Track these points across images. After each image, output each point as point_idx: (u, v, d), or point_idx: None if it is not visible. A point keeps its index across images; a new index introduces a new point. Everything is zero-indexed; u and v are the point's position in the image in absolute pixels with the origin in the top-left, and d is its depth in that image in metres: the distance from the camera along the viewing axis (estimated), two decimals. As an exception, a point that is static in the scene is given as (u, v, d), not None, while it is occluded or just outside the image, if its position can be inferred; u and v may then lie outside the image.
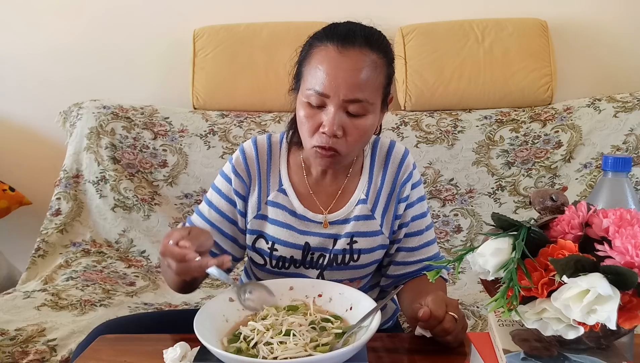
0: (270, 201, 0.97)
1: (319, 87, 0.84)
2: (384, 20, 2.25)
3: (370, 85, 0.86)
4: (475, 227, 1.78)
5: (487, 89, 1.89)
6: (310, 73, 0.87)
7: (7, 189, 2.00)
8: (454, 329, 0.75)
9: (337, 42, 0.85)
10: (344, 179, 0.98)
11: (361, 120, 0.87)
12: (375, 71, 0.86)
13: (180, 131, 1.92)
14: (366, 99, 0.85)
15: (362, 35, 0.87)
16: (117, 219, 1.81)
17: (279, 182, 0.98)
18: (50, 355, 1.18)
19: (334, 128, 0.84)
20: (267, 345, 0.69)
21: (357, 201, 0.97)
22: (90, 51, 2.12)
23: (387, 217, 0.98)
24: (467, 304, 1.39)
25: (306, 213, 0.96)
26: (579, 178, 1.76)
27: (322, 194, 0.98)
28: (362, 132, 0.87)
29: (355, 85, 0.84)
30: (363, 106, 0.85)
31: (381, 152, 1.00)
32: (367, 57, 0.85)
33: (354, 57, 0.85)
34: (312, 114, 0.87)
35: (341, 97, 0.84)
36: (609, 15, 1.99)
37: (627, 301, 0.53)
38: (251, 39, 1.95)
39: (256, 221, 0.97)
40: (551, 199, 0.63)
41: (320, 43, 0.87)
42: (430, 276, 0.62)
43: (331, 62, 0.85)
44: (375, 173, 0.99)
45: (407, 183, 0.99)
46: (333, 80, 0.84)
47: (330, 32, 0.88)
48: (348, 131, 0.86)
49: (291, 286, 0.84)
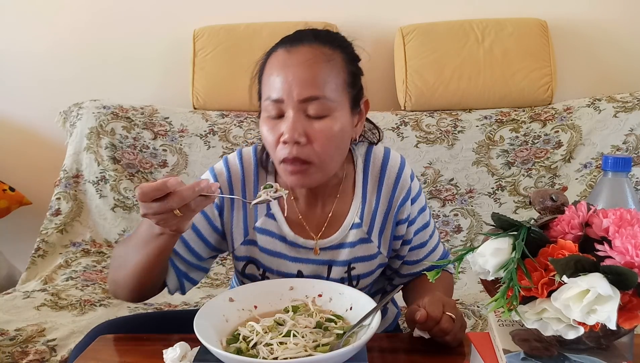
0: (259, 228, 0.90)
1: (273, 94, 0.80)
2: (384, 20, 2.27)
3: (326, 80, 0.79)
4: (475, 227, 1.78)
5: (487, 89, 1.89)
6: (264, 84, 0.83)
7: (7, 189, 2.00)
8: (451, 329, 0.75)
9: (286, 44, 0.82)
10: (333, 200, 0.91)
11: (325, 122, 0.79)
12: (329, 64, 0.80)
13: (180, 131, 1.92)
14: (324, 95, 0.79)
15: (310, 34, 0.83)
16: (117, 219, 1.81)
17: (266, 206, 0.90)
18: (50, 355, 1.18)
19: (294, 134, 0.77)
20: (267, 346, 0.69)
21: (351, 226, 0.90)
22: (91, 51, 2.12)
23: (384, 237, 0.93)
24: (467, 304, 1.39)
25: (297, 239, 0.90)
26: (579, 178, 1.76)
27: (313, 219, 0.91)
28: (329, 136, 0.79)
29: (307, 81, 0.78)
30: (323, 104, 0.79)
31: (374, 167, 0.92)
32: (318, 50, 0.81)
33: (303, 52, 0.80)
34: (273, 126, 0.81)
35: (295, 98, 0.78)
36: (609, 15, 1.99)
37: (627, 301, 0.53)
38: (251, 39, 1.95)
39: (245, 247, 0.91)
40: (551, 199, 0.63)
41: (272, 53, 0.84)
42: (430, 276, 0.62)
43: (280, 63, 0.80)
44: (369, 192, 0.91)
45: (406, 201, 0.92)
46: (284, 81, 0.79)
47: (280, 41, 0.85)
48: (312, 136, 0.79)
49: (291, 286, 0.84)
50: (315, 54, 0.80)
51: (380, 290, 1.04)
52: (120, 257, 0.84)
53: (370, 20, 2.04)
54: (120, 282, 0.83)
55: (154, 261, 0.78)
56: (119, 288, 0.85)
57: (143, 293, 0.85)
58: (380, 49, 2.06)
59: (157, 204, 0.67)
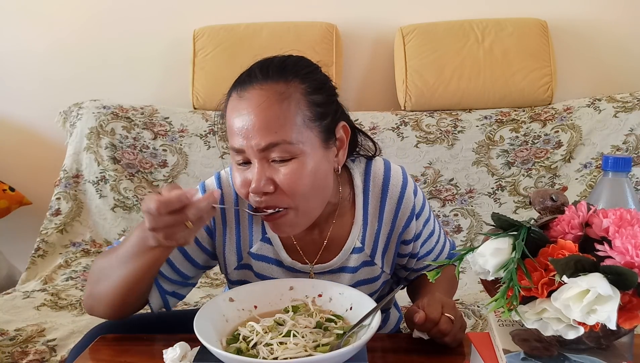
0: (254, 254, 0.87)
1: (235, 144, 0.75)
2: (384, 20, 2.27)
3: (283, 122, 0.73)
4: (475, 227, 1.78)
5: (487, 89, 1.89)
6: (228, 131, 0.78)
7: (7, 189, 2.00)
8: (450, 330, 0.75)
9: (238, 87, 0.77)
10: (330, 224, 0.87)
11: (291, 165, 0.73)
12: (283, 103, 0.73)
13: (180, 131, 1.92)
14: (284, 139, 0.72)
15: (259, 70, 0.77)
16: (117, 219, 1.81)
17: (262, 230, 0.86)
18: (50, 355, 1.17)
19: (259, 185, 0.73)
20: (267, 346, 0.69)
21: (352, 250, 0.87)
22: (91, 51, 2.12)
23: (387, 257, 0.90)
24: (467, 304, 1.39)
25: (294, 264, 0.87)
26: (579, 178, 1.76)
27: (309, 245, 0.87)
28: (296, 179, 0.73)
29: (262, 128, 0.72)
30: (284, 149, 0.73)
31: (375, 186, 0.87)
32: (270, 91, 0.74)
33: (254, 95, 0.74)
34: (241, 172, 0.77)
35: (254, 147, 0.73)
36: (609, 15, 1.99)
37: (627, 301, 0.53)
38: (251, 39, 1.95)
39: (238, 272, 0.89)
40: (551, 199, 0.63)
41: (230, 97, 0.79)
42: (430, 277, 0.62)
43: (234, 113, 0.75)
44: (371, 214, 0.87)
45: (412, 221, 0.88)
46: (241, 130, 0.73)
47: (235, 82, 0.79)
48: (280, 182, 0.74)
49: (291, 286, 0.84)
50: (267, 96, 0.74)
51: (381, 297, 1.04)
52: (103, 270, 0.79)
53: (370, 20, 2.05)
54: (100, 297, 0.79)
55: (141, 276, 0.76)
56: (97, 303, 0.81)
57: (124, 309, 0.82)
58: (380, 49, 2.06)
59: (172, 217, 0.64)
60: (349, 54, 2.04)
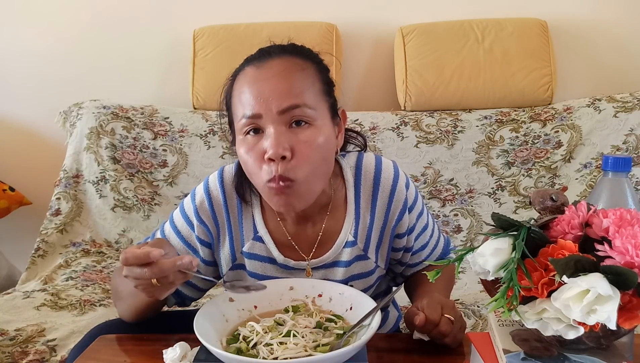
0: (246, 253, 0.88)
1: (248, 111, 0.75)
2: (384, 20, 2.27)
3: (302, 86, 0.76)
4: (475, 227, 1.78)
5: (487, 89, 1.89)
6: (236, 104, 0.79)
7: (7, 189, 2.00)
8: (450, 331, 0.75)
9: (255, 60, 0.80)
10: (324, 218, 0.87)
11: (309, 131, 0.75)
12: (303, 72, 0.78)
13: (180, 131, 1.92)
14: (304, 103, 0.75)
15: (277, 48, 0.81)
16: (117, 219, 1.81)
17: (253, 229, 0.87)
18: (50, 356, 1.17)
19: (278, 149, 0.72)
20: (267, 346, 0.69)
21: (345, 244, 0.86)
22: (91, 51, 2.13)
23: (381, 251, 0.90)
24: (467, 304, 1.39)
25: (287, 262, 0.87)
26: (579, 178, 1.76)
27: (303, 239, 0.87)
28: (315, 147, 0.75)
29: (284, 90, 0.74)
30: (304, 113, 0.75)
31: (366, 180, 0.87)
32: (288, 61, 0.78)
33: (274, 65, 0.77)
34: (253, 145, 0.76)
35: (274, 109, 0.74)
36: (609, 15, 1.99)
37: (627, 301, 0.53)
38: (251, 39, 1.95)
39: (233, 273, 0.90)
40: (551, 199, 0.63)
41: (239, 72, 0.81)
42: (430, 277, 0.62)
43: (251, 80, 0.77)
44: (363, 208, 0.87)
45: (404, 214, 0.88)
46: (259, 95, 0.75)
47: (245, 60, 0.83)
48: (297, 148, 0.74)
49: (291, 287, 0.84)
50: (288, 65, 0.77)
51: (383, 291, 1.04)
52: (118, 292, 0.87)
53: (370, 20, 2.05)
54: (121, 313, 0.89)
55: (144, 309, 0.83)
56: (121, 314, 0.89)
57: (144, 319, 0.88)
58: (380, 49, 2.06)
59: (137, 271, 0.68)
60: (349, 54, 2.05)
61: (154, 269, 0.67)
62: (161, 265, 0.68)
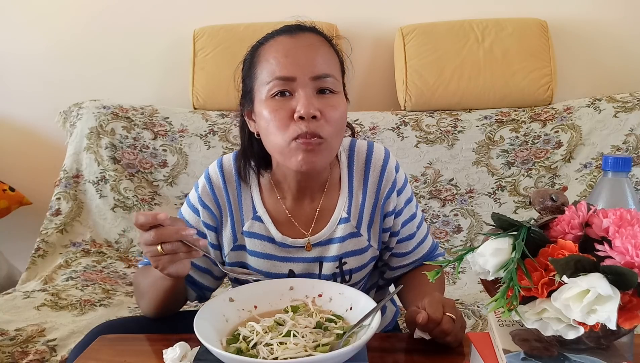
0: (246, 232, 0.91)
1: (281, 72, 0.80)
2: (384, 20, 2.27)
3: (331, 62, 0.84)
4: (475, 227, 1.78)
5: (487, 89, 1.89)
6: (265, 68, 0.82)
7: (7, 189, 2.00)
8: (452, 330, 0.75)
9: (287, 32, 0.85)
10: (321, 195, 0.91)
11: (335, 99, 0.82)
12: (330, 50, 0.86)
13: (180, 131, 1.92)
14: (334, 74, 0.82)
15: (309, 26, 0.88)
16: (117, 219, 1.81)
17: (252, 209, 0.91)
18: (50, 355, 1.18)
19: (310, 109, 0.77)
20: (267, 346, 0.69)
21: (339, 221, 0.90)
22: (91, 51, 2.13)
23: (373, 230, 0.93)
24: (467, 304, 1.39)
25: (285, 239, 0.90)
26: (579, 178, 1.76)
27: (302, 216, 0.91)
28: (340, 113, 0.82)
29: (318, 60, 0.81)
30: (333, 83, 0.82)
31: (359, 160, 0.92)
32: (317, 37, 0.85)
33: (307, 37, 0.84)
34: (280, 105, 0.80)
35: (309, 74, 0.79)
36: (609, 15, 1.99)
37: (627, 301, 0.53)
38: (251, 39, 1.93)
39: (234, 253, 0.93)
40: (551, 199, 0.63)
41: (267, 42, 0.86)
42: (430, 277, 0.62)
43: (287, 45, 0.82)
44: (356, 187, 0.92)
45: (392, 193, 0.92)
46: (295, 60, 0.80)
47: (276, 30, 0.88)
48: (325, 112, 0.80)
49: (291, 286, 0.84)
50: (318, 40, 0.85)
51: (374, 285, 1.05)
52: (139, 288, 0.91)
53: (370, 20, 2.05)
54: (145, 310, 0.91)
55: (166, 298, 0.86)
56: (145, 312, 0.92)
57: (167, 313, 0.91)
58: (380, 49, 2.06)
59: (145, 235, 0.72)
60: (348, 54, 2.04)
61: (158, 232, 0.71)
62: (165, 229, 0.71)
